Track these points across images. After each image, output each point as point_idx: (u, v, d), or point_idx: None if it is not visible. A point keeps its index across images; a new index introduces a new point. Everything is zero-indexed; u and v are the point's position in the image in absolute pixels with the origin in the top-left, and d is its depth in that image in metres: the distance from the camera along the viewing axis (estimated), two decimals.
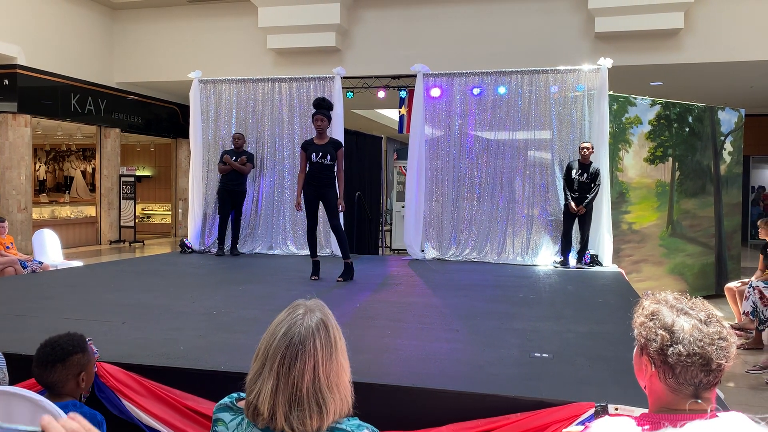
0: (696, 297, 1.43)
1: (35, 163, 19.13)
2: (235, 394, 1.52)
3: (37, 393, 2.17)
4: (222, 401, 1.54)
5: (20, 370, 2.68)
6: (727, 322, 6.38)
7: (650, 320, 1.37)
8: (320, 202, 6.21)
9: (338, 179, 6.20)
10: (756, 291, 6.04)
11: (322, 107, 6.13)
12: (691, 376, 1.31)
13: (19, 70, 11.96)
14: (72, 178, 20.30)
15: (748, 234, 15.95)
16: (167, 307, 4.68)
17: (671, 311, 1.36)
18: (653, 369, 1.35)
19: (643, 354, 1.39)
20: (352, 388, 1.49)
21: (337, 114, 8.03)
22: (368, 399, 2.67)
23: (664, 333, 1.33)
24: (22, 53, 11.99)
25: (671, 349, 1.31)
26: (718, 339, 1.31)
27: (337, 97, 8.29)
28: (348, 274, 6.16)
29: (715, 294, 8.63)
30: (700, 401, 1.32)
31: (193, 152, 8.91)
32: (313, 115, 6.15)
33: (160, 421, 2.77)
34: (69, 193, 19.26)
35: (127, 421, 2.83)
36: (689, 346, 1.30)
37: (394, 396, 2.77)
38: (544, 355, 3.39)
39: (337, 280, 6.10)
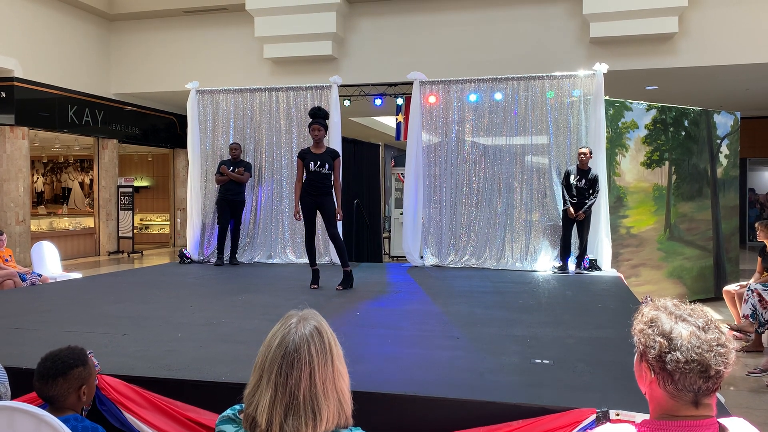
0: (696, 303, 1.43)
1: (33, 175, 19.12)
2: (237, 406, 1.53)
3: (39, 407, 2.17)
4: (225, 413, 1.54)
5: (21, 384, 2.69)
6: (726, 324, 6.39)
7: (649, 327, 1.38)
8: (318, 211, 6.22)
9: (335, 188, 6.22)
10: (755, 294, 6.05)
11: (319, 116, 6.14)
12: (690, 383, 1.31)
13: (16, 83, 11.99)
14: (70, 190, 20.30)
15: (746, 236, 15.97)
16: (167, 318, 4.68)
17: (670, 318, 1.37)
18: (653, 376, 1.36)
19: (642, 361, 1.39)
20: (350, 397, 1.49)
21: (335, 122, 8.06)
22: (369, 408, 2.68)
23: (662, 340, 1.34)
24: (18, 66, 12.02)
25: (669, 356, 1.32)
26: (717, 345, 1.32)
27: (334, 106, 8.31)
28: (347, 282, 6.17)
29: (714, 297, 8.64)
30: (699, 408, 1.33)
31: (191, 162, 8.91)
32: (310, 125, 6.17)
33: None
34: (67, 204, 19.25)
35: None
36: (687, 353, 1.31)
37: (395, 404, 2.77)
38: (544, 361, 3.39)
39: (337, 289, 6.10)
